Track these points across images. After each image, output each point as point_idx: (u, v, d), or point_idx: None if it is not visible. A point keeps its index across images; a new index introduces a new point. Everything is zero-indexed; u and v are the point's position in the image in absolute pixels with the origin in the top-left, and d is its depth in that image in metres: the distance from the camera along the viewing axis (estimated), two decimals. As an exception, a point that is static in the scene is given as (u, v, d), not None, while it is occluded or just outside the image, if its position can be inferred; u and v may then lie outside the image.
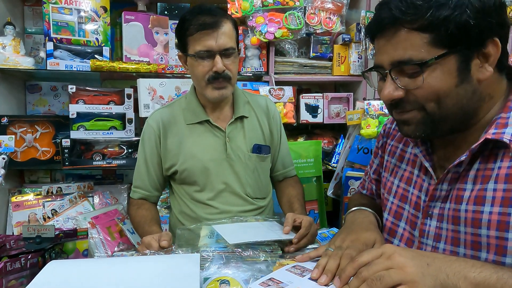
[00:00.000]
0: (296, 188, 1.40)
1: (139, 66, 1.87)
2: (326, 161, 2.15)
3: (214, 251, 0.90)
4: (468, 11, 0.64)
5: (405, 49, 0.69)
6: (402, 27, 0.68)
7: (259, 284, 0.73)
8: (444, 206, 0.77)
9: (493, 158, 0.70)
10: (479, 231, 0.69)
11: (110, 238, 1.58)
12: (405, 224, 0.87)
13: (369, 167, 1.11)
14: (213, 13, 1.16)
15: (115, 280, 0.73)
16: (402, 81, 0.72)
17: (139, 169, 1.32)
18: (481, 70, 0.69)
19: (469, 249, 0.72)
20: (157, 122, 1.29)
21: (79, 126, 1.85)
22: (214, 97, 1.21)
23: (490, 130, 0.69)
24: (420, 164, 0.85)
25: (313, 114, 2.12)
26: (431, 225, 0.79)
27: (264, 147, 1.33)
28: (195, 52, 1.17)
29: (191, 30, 1.16)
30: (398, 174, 0.91)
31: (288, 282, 0.72)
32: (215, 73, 1.17)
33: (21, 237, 1.04)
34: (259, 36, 1.97)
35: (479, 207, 0.70)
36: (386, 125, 1.02)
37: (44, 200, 1.90)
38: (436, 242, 0.78)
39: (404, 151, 0.92)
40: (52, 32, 1.83)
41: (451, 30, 0.65)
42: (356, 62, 2.09)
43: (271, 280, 0.74)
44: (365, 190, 1.12)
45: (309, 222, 1.03)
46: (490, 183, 0.69)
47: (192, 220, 1.27)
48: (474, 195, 0.71)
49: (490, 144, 0.70)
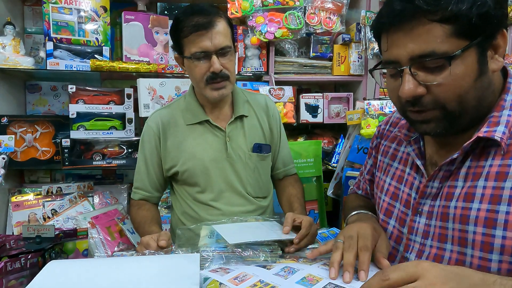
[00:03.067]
0: (296, 187, 1.40)
1: (139, 66, 1.87)
2: (326, 161, 2.15)
3: (214, 251, 0.90)
4: (488, 2, 0.63)
5: (427, 42, 0.65)
6: (424, 18, 0.64)
7: (209, 271, 0.75)
8: (434, 204, 0.77)
9: (485, 156, 0.70)
10: (466, 228, 0.69)
11: (110, 238, 1.58)
12: (395, 222, 0.87)
13: (363, 167, 1.11)
14: (206, 13, 1.15)
15: (115, 280, 0.73)
16: (421, 77, 0.68)
17: (139, 170, 1.32)
18: (493, 61, 0.69)
19: (456, 245, 0.72)
20: (156, 123, 1.29)
21: (79, 126, 1.85)
22: (213, 97, 1.21)
23: (482, 128, 0.69)
24: (412, 163, 0.85)
25: (313, 114, 2.12)
26: (420, 222, 0.79)
27: (264, 146, 1.33)
28: (191, 53, 1.16)
29: (185, 32, 1.14)
30: (390, 173, 0.91)
31: None
32: (213, 73, 1.17)
33: (21, 237, 1.04)
34: (259, 36, 1.97)
35: (468, 203, 0.70)
36: (381, 126, 1.02)
37: (44, 200, 1.90)
38: (424, 239, 0.78)
39: (397, 150, 0.92)
40: (52, 32, 1.83)
41: (474, 21, 0.63)
42: (356, 62, 2.09)
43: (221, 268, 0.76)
44: (360, 190, 1.13)
45: (309, 222, 1.03)
46: (480, 181, 0.69)
47: (194, 221, 1.27)
48: (464, 192, 0.71)
49: (482, 142, 0.71)
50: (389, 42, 0.70)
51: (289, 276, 0.71)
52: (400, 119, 0.94)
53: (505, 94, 0.72)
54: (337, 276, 0.69)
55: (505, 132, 0.68)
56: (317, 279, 0.69)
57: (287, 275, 0.71)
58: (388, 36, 0.70)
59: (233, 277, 0.71)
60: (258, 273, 0.73)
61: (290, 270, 0.73)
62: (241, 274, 0.73)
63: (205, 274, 0.75)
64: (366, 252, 0.71)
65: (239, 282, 0.69)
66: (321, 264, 0.77)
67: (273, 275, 0.72)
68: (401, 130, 0.88)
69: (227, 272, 0.75)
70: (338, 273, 0.70)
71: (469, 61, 0.65)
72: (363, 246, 0.72)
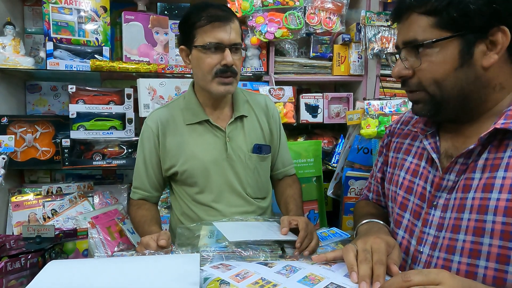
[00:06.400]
0: (293, 187, 1.40)
1: (139, 66, 1.87)
2: (326, 161, 2.15)
3: (214, 251, 0.90)
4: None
5: (413, 31, 0.75)
6: (414, 11, 0.75)
7: (211, 267, 0.76)
8: (449, 197, 0.78)
9: (503, 148, 0.72)
10: (484, 217, 0.70)
11: (110, 238, 1.58)
12: (409, 215, 0.87)
13: (374, 167, 1.12)
14: (223, 8, 1.19)
15: (115, 280, 0.73)
16: (410, 62, 0.78)
17: (138, 169, 1.32)
18: (485, 57, 0.71)
19: (470, 235, 0.72)
20: (155, 122, 1.29)
21: (79, 126, 1.85)
22: (219, 92, 1.20)
23: (500, 121, 0.71)
24: (427, 157, 0.86)
25: (313, 114, 2.12)
26: (434, 215, 0.80)
27: (264, 147, 1.33)
28: (204, 43, 1.16)
29: (202, 22, 1.15)
30: (404, 167, 0.92)
31: None
32: (224, 66, 1.17)
33: (21, 237, 1.04)
34: (259, 36, 1.97)
35: (487, 194, 0.71)
36: (391, 125, 1.05)
37: (44, 200, 1.89)
38: (438, 231, 0.79)
39: (412, 145, 0.93)
40: (52, 32, 1.83)
41: (453, 15, 0.70)
42: (356, 62, 2.09)
43: None
44: (371, 192, 1.12)
45: (305, 223, 1.03)
46: (499, 171, 0.70)
47: (194, 222, 1.26)
48: (482, 183, 0.72)
49: (499, 134, 0.72)
50: (396, 31, 0.86)
51: (291, 275, 0.71)
52: (412, 117, 0.97)
53: None
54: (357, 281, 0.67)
55: None
56: (319, 279, 0.69)
57: (289, 273, 0.71)
58: (396, 26, 0.83)
59: (235, 274, 0.71)
60: (260, 270, 0.73)
61: (291, 269, 0.73)
62: (242, 271, 0.73)
63: (206, 270, 0.75)
64: (381, 265, 0.69)
65: (241, 279, 0.69)
66: (322, 263, 0.77)
67: (274, 273, 0.72)
68: (416, 125, 0.92)
69: (228, 268, 0.75)
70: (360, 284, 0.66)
71: (449, 51, 0.73)
72: (378, 260, 0.70)
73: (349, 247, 0.75)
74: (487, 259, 0.70)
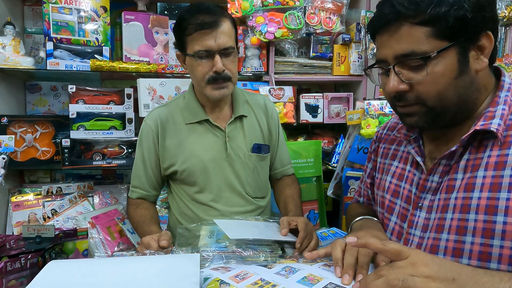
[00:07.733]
0: (292, 187, 1.40)
1: (139, 66, 1.87)
2: (326, 161, 2.15)
3: (214, 251, 0.90)
4: (465, 6, 0.68)
5: (408, 43, 0.71)
6: (405, 21, 0.71)
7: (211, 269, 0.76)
8: (434, 198, 0.79)
9: (483, 149, 0.73)
10: (467, 216, 0.71)
11: (110, 238, 1.58)
12: (396, 218, 0.88)
13: (363, 173, 1.14)
14: (211, 12, 1.15)
15: (115, 280, 0.73)
16: (405, 75, 0.74)
17: (137, 168, 1.32)
18: (477, 61, 0.73)
19: (453, 234, 0.73)
20: (155, 121, 1.29)
21: (79, 126, 1.85)
22: (214, 96, 1.21)
23: (479, 122, 0.73)
24: (412, 160, 0.88)
25: (313, 114, 2.12)
26: (420, 216, 0.81)
27: (263, 147, 1.33)
28: (194, 52, 1.16)
29: (190, 29, 1.14)
30: (391, 172, 0.94)
31: None
32: (215, 73, 1.16)
33: (21, 237, 1.04)
34: (259, 36, 1.97)
35: (468, 193, 0.72)
36: (379, 131, 1.06)
37: (44, 200, 1.89)
38: (423, 232, 0.80)
39: (397, 150, 0.95)
40: (52, 32, 1.83)
41: (451, 24, 0.68)
42: (356, 62, 2.09)
43: None
44: (362, 197, 1.14)
45: (305, 223, 1.03)
46: (479, 171, 0.72)
47: (192, 222, 1.26)
48: (464, 183, 0.73)
49: (479, 135, 0.74)
50: (378, 43, 0.78)
51: (290, 276, 0.71)
52: (398, 123, 0.98)
53: (499, 92, 0.76)
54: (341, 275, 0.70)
55: (501, 124, 0.71)
56: (318, 279, 0.69)
57: (288, 274, 0.72)
58: (378, 38, 0.77)
59: (234, 275, 0.72)
60: (259, 271, 0.73)
61: (291, 269, 0.74)
62: (242, 272, 0.73)
63: (206, 272, 0.75)
64: (365, 256, 0.72)
65: (240, 280, 0.70)
66: (322, 264, 0.77)
67: (274, 274, 0.72)
68: (400, 131, 0.92)
69: (228, 270, 0.75)
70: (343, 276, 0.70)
71: (449, 60, 0.71)
72: (363, 251, 0.72)
73: (337, 242, 0.77)
74: (469, 257, 0.71)
